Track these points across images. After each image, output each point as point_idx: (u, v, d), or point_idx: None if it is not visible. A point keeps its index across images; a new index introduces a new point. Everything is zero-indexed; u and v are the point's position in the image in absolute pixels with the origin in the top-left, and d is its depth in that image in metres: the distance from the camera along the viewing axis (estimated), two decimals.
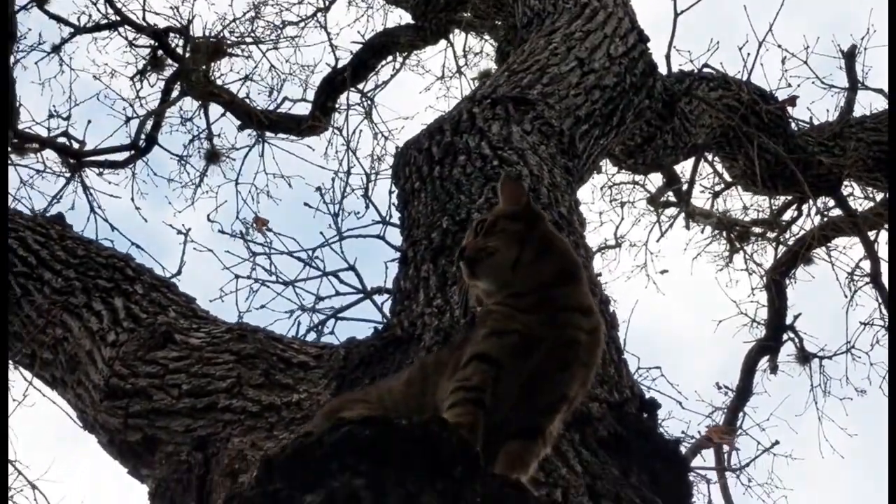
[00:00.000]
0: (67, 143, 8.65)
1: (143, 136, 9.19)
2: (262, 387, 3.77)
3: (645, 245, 9.60)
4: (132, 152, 9.15)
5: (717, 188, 8.86)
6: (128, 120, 9.47)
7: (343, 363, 3.82)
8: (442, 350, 2.65)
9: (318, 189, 7.09)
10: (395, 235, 6.36)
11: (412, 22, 9.03)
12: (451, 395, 2.36)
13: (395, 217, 5.84)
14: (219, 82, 9.66)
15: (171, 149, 9.62)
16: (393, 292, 4.35)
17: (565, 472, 2.90)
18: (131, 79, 9.96)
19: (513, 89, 5.27)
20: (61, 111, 9.30)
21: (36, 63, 9.45)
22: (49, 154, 8.86)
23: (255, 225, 6.93)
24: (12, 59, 7.70)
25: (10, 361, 4.64)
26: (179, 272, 6.21)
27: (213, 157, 9.93)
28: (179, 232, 6.62)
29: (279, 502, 1.91)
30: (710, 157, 7.93)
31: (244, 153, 9.42)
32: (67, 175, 9.01)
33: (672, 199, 9.39)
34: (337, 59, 9.37)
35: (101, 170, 9.01)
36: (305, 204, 7.00)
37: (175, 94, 9.52)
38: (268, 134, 9.46)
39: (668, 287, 9.68)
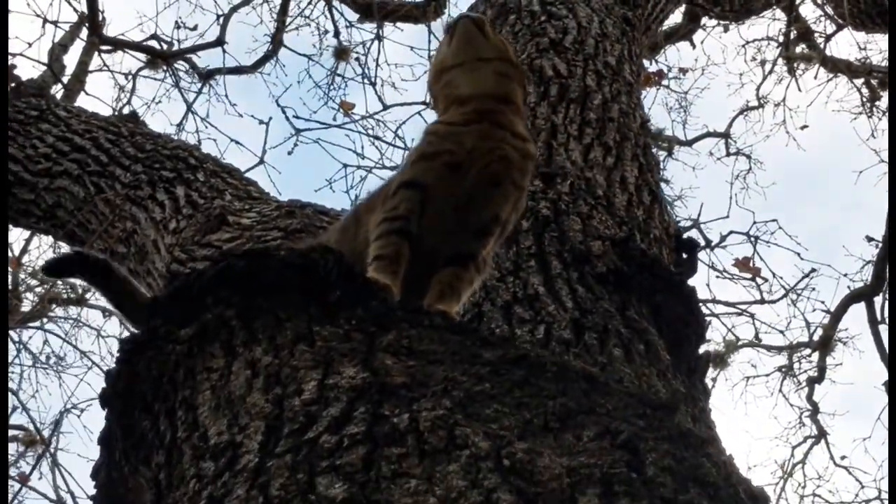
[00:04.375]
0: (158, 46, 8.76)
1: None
2: None
3: (783, 102, 9.33)
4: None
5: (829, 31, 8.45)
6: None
7: None
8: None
9: None
10: None
11: None
12: (377, 228, 2.37)
13: None
14: None
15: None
16: None
17: (553, 309, 2.88)
18: None
19: None
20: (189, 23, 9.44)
21: None
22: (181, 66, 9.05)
23: (342, 109, 6.99)
24: None
25: None
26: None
27: (341, 54, 9.98)
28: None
29: (157, 338, 1.96)
30: None
31: (367, 48, 9.42)
32: (199, 85, 9.21)
33: (807, 51, 9.03)
34: None
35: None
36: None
37: None
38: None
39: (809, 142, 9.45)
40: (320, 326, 1.90)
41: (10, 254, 7.47)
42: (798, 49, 8.99)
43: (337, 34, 9.97)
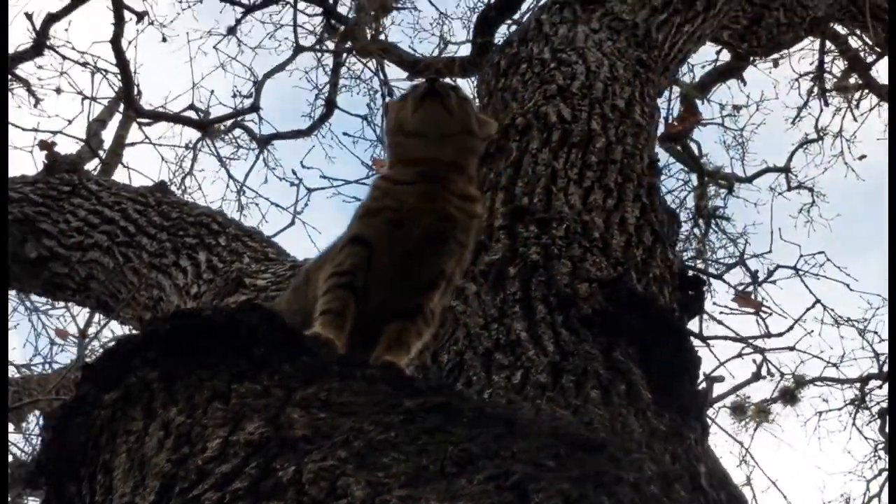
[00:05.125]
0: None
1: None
2: None
3: (839, 134, 9.22)
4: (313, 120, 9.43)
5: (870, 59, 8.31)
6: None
7: None
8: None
9: None
10: None
11: None
12: (324, 283, 2.40)
13: None
14: (383, 37, 9.81)
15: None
16: None
17: (532, 354, 2.86)
18: (311, 48, 10.25)
19: None
20: (244, 90, 9.65)
21: (214, 47, 9.80)
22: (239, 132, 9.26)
23: (374, 167, 7.05)
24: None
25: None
26: None
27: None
28: None
29: (86, 404, 2.00)
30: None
31: None
32: (256, 150, 9.39)
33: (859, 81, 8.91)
34: None
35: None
36: None
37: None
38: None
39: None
40: (239, 384, 1.91)
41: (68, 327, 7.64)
42: (850, 79, 8.88)
43: (390, 93, 10.10)
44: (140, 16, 8.27)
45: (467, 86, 8.03)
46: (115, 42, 7.22)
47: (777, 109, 9.63)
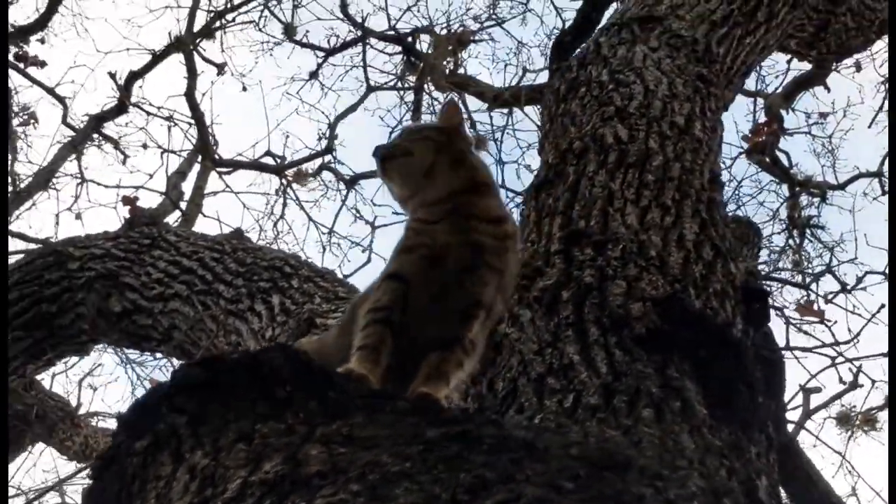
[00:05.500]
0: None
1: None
2: None
3: None
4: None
5: None
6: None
7: None
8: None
9: None
10: None
11: None
12: (363, 319, 2.44)
13: None
14: (462, 71, 9.90)
15: None
16: None
17: (585, 377, 2.86)
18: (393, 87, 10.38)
19: (641, 9, 5.19)
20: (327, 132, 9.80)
21: (297, 92, 9.96)
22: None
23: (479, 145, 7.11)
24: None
25: None
26: None
27: (479, 142, 10.13)
28: None
29: (120, 454, 2.05)
30: None
31: (499, 135, 9.60)
32: (344, 192, 9.52)
33: None
34: (564, 21, 9.41)
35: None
36: None
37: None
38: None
39: None
40: (263, 423, 1.95)
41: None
42: None
43: (472, 125, 10.16)
44: (220, 67, 8.46)
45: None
46: (190, 95, 7.39)
47: (865, 114, 9.48)
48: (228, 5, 9.42)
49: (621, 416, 2.68)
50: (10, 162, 8.80)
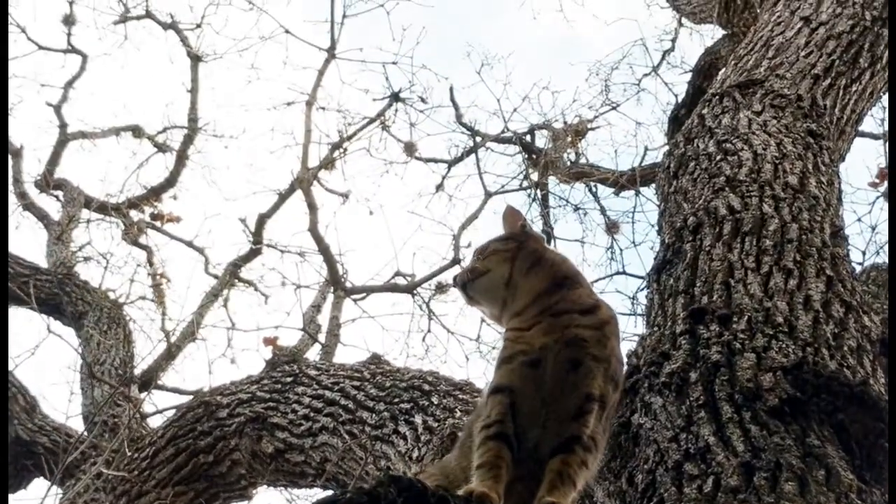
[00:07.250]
0: None
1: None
2: None
3: None
4: None
5: None
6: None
7: None
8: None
9: None
10: None
11: (724, 31, 8.87)
12: (477, 436, 2.42)
13: None
14: (584, 159, 9.94)
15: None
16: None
17: (722, 458, 2.80)
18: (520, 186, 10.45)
19: (739, 76, 5.14)
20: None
21: (426, 206, 10.07)
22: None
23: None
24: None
25: None
26: None
27: (612, 227, 10.14)
28: None
29: None
30: None
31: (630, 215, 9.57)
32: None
33: None
34: (676, 96, 9.40)
35: None
36: None
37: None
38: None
39: None
40: None
41: None
42: None
43: (603, 211, 10.15)
44: (345, 197, 8.64)
45: None
46: (313, 230, 7.54)
47: None
48: (345, 134, 9.64)
49: (763, 494, 2.61)
50: (162, 320, 9.05)
